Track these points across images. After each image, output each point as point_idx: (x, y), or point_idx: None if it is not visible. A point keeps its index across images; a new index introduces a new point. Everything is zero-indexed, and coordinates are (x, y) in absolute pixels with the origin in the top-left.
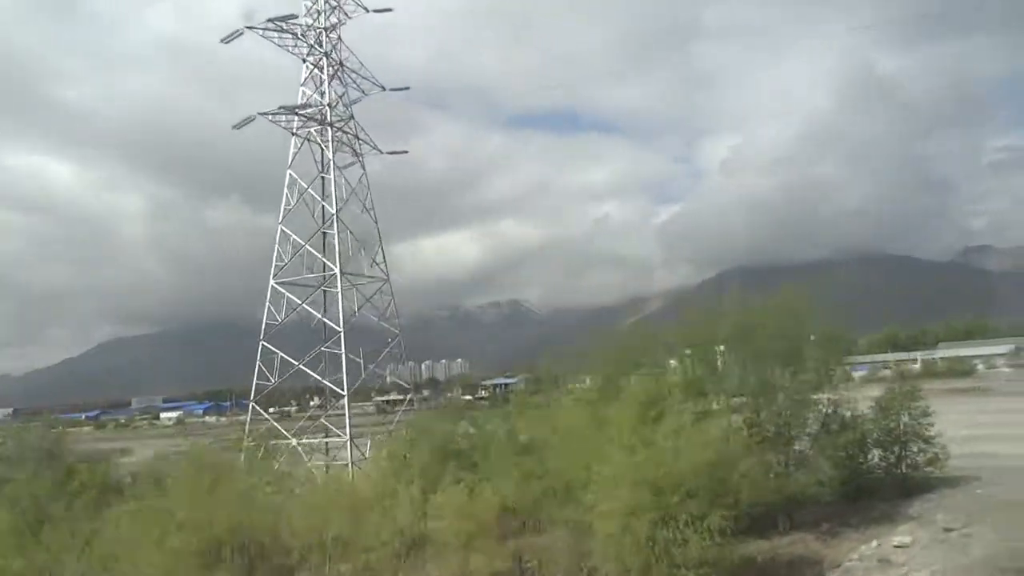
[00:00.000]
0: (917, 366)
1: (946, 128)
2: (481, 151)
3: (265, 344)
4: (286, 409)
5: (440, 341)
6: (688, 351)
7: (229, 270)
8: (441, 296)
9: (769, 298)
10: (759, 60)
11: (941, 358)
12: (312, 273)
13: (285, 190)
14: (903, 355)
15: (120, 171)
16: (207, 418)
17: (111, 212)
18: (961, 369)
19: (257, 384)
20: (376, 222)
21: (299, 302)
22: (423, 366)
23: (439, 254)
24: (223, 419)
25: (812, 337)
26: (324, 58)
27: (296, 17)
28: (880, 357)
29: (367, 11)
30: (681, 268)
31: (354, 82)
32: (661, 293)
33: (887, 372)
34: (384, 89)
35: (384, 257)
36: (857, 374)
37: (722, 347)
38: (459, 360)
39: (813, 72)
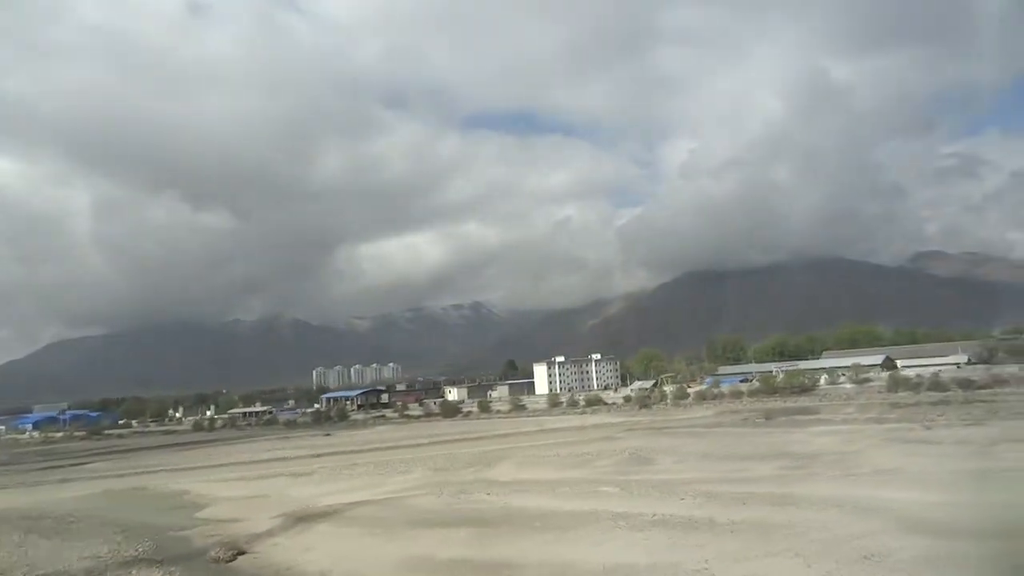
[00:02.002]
0: (754, 382)
1: (897, 135)
2: (441, 151)
3: None
4: None
5: (404, 343)
6: None
7: (176, 269)
8: (404, 297)
9: None
10: (716, 65)
11: (788, 371)
12: None
13: None
14: (762, 367)
15: (65, 166)
16: (32, 433)
17: (57, 208)
18: (802, 385)
19: None
20: None
21: None
22: (351, 370)
23: (401, 255)
24: (36, 434)
25: None
26: None
27: None
28: (737, 369)
29: None
30: (640, 271)
31: None
32: (622, 296)
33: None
34: None
35: None
36: (725, 387)
37: None
38: (391, 364)
39: (768, 78)
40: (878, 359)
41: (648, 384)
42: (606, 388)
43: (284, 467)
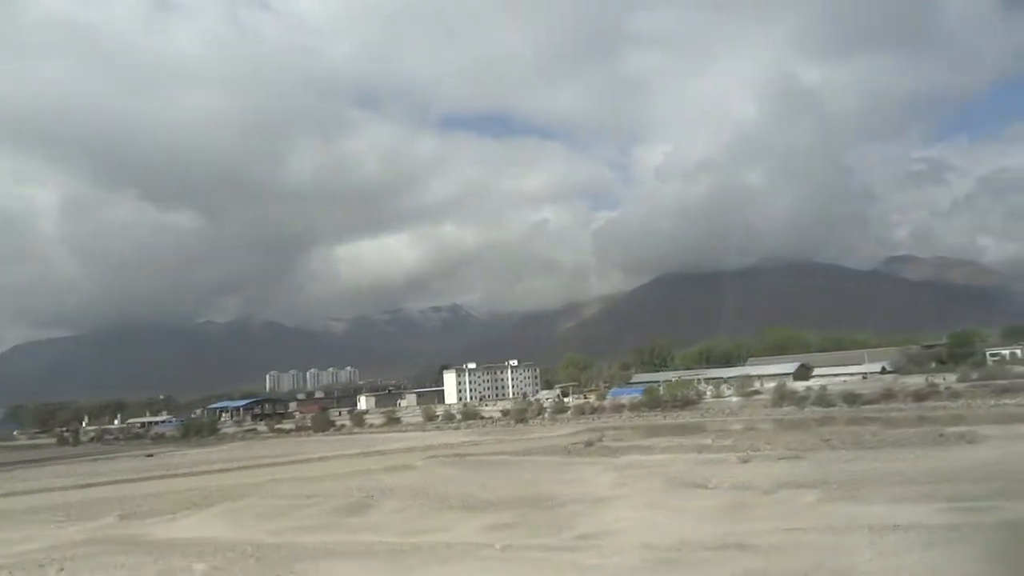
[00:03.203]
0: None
1: (868, 140)
2: (416, 152)
3: None
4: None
5: (381, 345)
6: None
7: (147, 269)
8: (381, 299)
9: None
10: (690, 68)
11: (671, 383)
12: None
13: None
14: (677, 374)
15: (30, 163)
16: None
17: (22, 206)
18: (685, 398)
19: None
20: None
21: None
22: (307, 374)
23: (378, 256)
24: None
25: None
26: None
27: None
28: (653, 377)
29: None
30: (616, 273)
31: None
32: (598, 298)
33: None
34: None
35: None
36: (627, 397)
37: None
38: (348, 368)
39: (742, 81)
40: (792, 367)
41: (554, 394)
42: (524, 396)
43: None
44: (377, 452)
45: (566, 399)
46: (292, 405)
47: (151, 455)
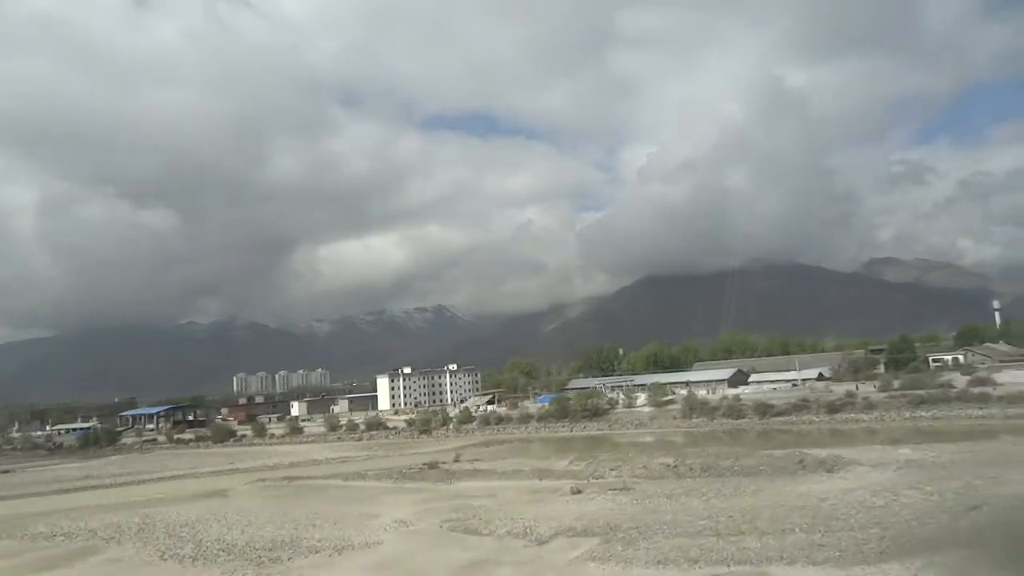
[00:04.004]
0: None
1: (850, 142)
2: (400, 152)
3: None
4: None
5: (364, 346)
6: None
7: (127, 270)
8: (365, 300)
9: None
10: (675, 69)
11: (581, 392)
12: None
13: None
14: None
15: (8, 161)
16: None
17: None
18: (595, 408)
19: None
20: None
21: None
22: (276, 376)
23: (362, 257)
24: None
25: None
26: None
27: None
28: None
29: None
30: (600, 275)
31: None
32: (582, 300)
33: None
34: None
35: None
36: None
37: None
38: (319, 370)
39: (726, 83)
40: (727, 373)
41: (482, 400)
42: (463, 402)
43: None
44: (233, 470)
45: (491, 406)
46: (224, 411)
47: (7, 471)
